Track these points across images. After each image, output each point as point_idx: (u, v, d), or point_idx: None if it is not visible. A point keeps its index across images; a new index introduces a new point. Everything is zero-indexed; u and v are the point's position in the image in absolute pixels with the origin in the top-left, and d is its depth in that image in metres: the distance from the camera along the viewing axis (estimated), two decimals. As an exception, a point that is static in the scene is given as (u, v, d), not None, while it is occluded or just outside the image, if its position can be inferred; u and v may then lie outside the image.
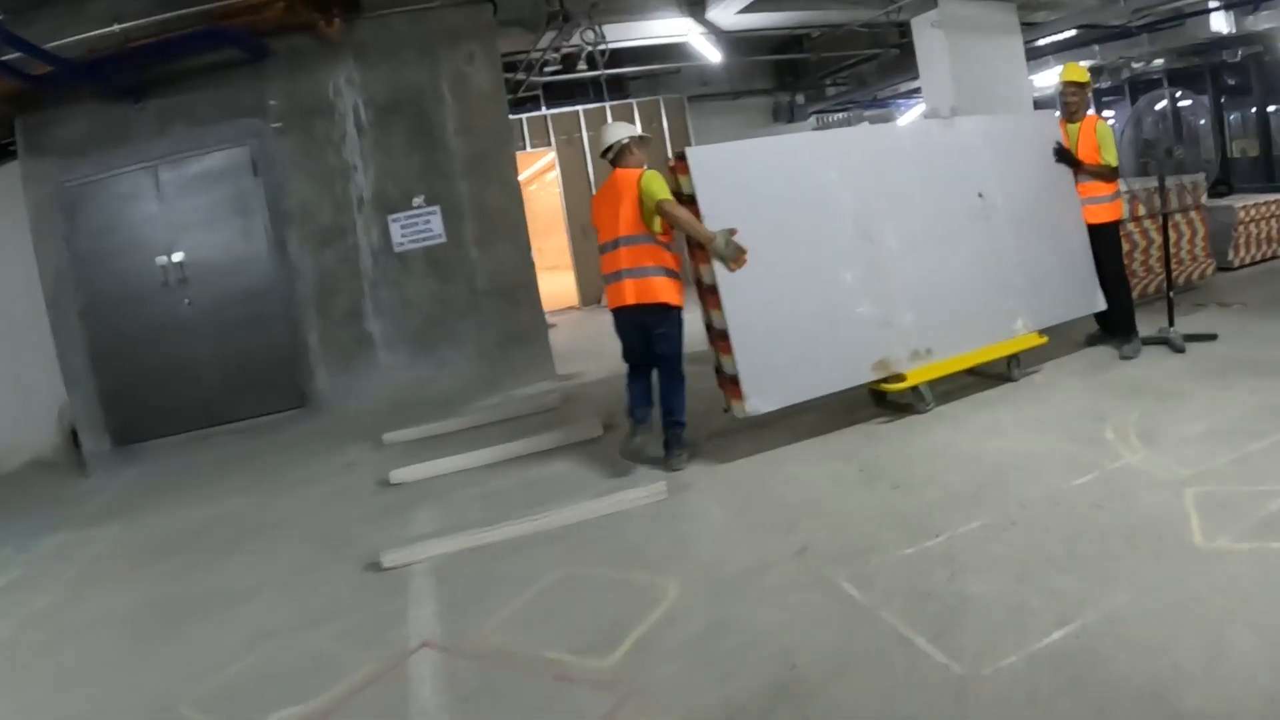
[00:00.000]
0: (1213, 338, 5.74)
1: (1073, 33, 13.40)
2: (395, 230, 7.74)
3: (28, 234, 7.34)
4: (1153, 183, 6.35)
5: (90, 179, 7.34)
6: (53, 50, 6.26)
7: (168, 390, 7.47)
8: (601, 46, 8.99)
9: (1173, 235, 7.36)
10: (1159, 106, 6.19)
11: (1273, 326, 5.98)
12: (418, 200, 7.76)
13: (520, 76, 10.41)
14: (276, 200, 7.55)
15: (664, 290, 4.71)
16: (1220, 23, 12.56)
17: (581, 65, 10.01)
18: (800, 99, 14.74)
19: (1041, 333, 5.56)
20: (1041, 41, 11.94)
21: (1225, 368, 5.08)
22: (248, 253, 7.62)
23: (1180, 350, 5.59)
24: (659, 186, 4.60)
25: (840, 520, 3.74)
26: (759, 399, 4.75)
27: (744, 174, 4.91)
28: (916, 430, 4.86)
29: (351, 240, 7.67)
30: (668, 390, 4.88)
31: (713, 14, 9.05)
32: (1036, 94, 12.41)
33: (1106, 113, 15.73)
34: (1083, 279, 5.82)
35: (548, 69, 10.37)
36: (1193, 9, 11.82)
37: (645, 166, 4.79)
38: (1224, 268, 8.26)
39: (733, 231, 4.61)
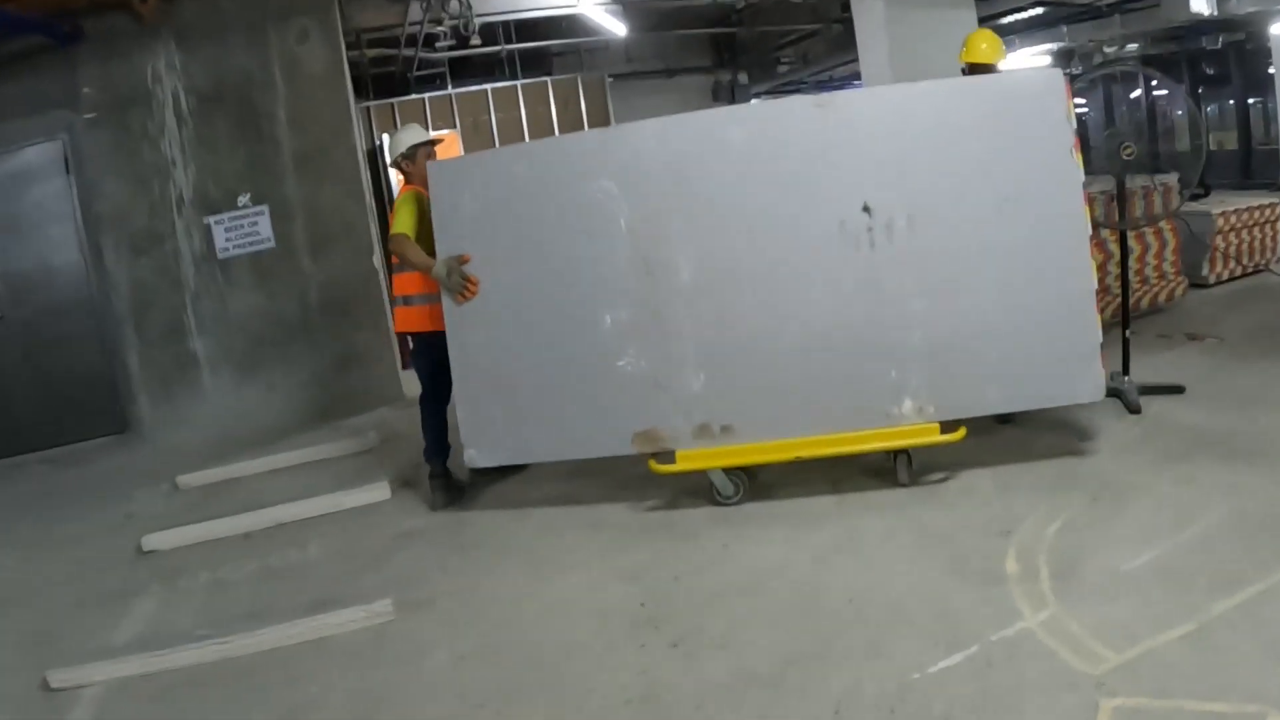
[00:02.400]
0: (1178, 390, 4.56)
1: (1038, 11, 12.26)
2: (218, 234, 6.59)
3: None
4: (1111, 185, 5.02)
5: None
6: None
7: None
8: (477, 20, 7.75)
9: (1135, 249, 6.20)
10: (1134, 95, 4.95)
11: (1255, 374, 4.75)
12: (243, 199, 6.58)
13: (408, 53, 9.09)
14: (89, 202, 6.53)
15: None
16: (1200, 3, 11.35)
17: (477, 40, 8.73)
18: (744, 78, 13.44)
19: (958, 424, 3.80)
20: (1006, 20, 10.74)
21: (1191, 444, 3.87)
22: (60, 262, 6.73)
23: (1135, 410, 4.39)
24: (403, 215, 4.33)
25: (571, 707, 2.61)
26: (477, 451, 4.23)
27: (494, 188, 4.14)
28: (747, 538, 3.63)
29: (171, 247, 6.58)
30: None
31: (606, -20, 7.72)
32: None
33: (1077, 100, 14.63)
34: (1066, 349, 3.74)
35: (440, 45, 9.10)
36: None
37: None
38: (1198, 284, 7.10)
39: (461, 259, 4.11)
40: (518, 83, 10.72)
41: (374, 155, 9.82)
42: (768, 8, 10.23)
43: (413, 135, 4.63)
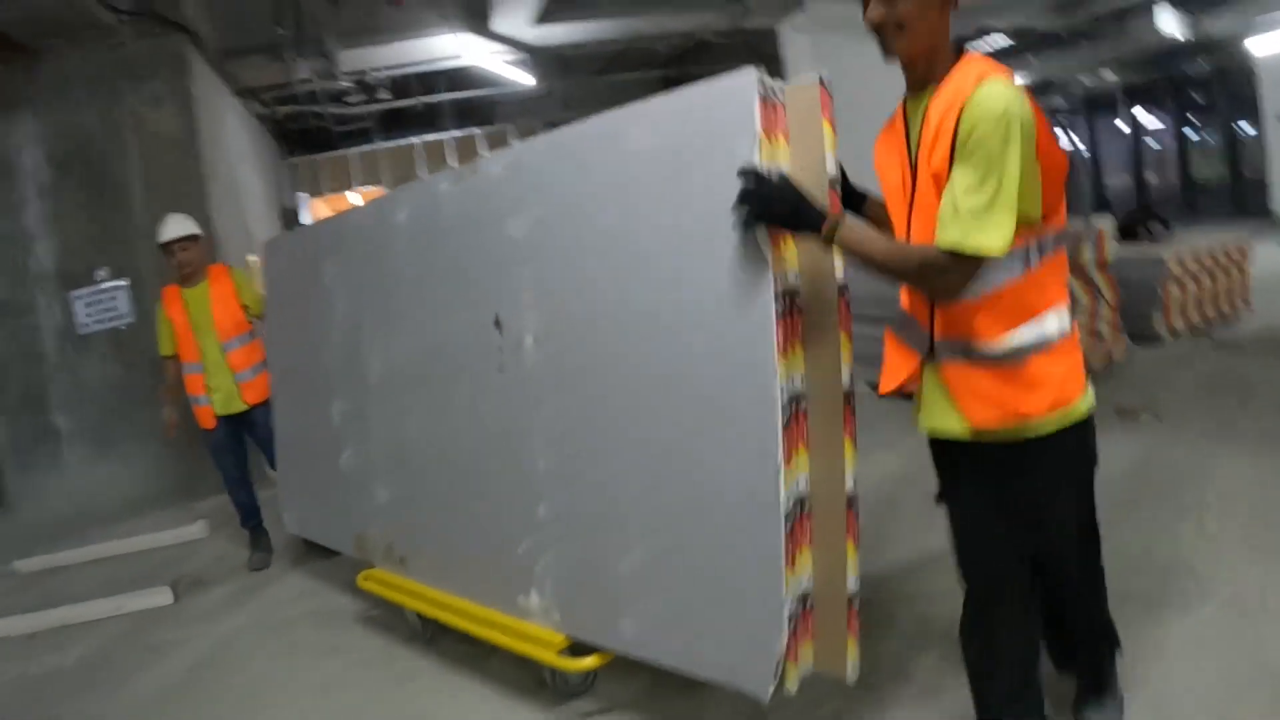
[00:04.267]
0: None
1: (1004, 41, 11.78)
2: (79, 309, 6.45)
3: None
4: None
5: None
6: None
7: None
8: (376, 75, 7.56)
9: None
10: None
11: (1195, 463, 3.99)
12: (100, 274, 6.39)
13: (318, 109, 8.92)
14: None
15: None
16: (1170, 25, 10.75)
17: (386, 95, 8.53)
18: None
19: (596, 650, 2.57)
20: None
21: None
22: None
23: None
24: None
25: None
26: (290, 517, 4.35)
27: (293, 265, 4.12)
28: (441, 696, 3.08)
29: (31, 320, 6.45)
30: None
31: (501, 27, 7.41)
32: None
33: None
34: (731, 606, 2.17)
35: (353, 99, 8.90)
36: (1132, 4, 10.01)
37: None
38: (1148, 340, 6.42)
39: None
40: (443, 136, 10.50)
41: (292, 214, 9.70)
42: (715, 47, 9.88)
43: (164, 230, 4.63)
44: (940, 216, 1.69)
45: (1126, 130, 16.01)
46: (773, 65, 9.28)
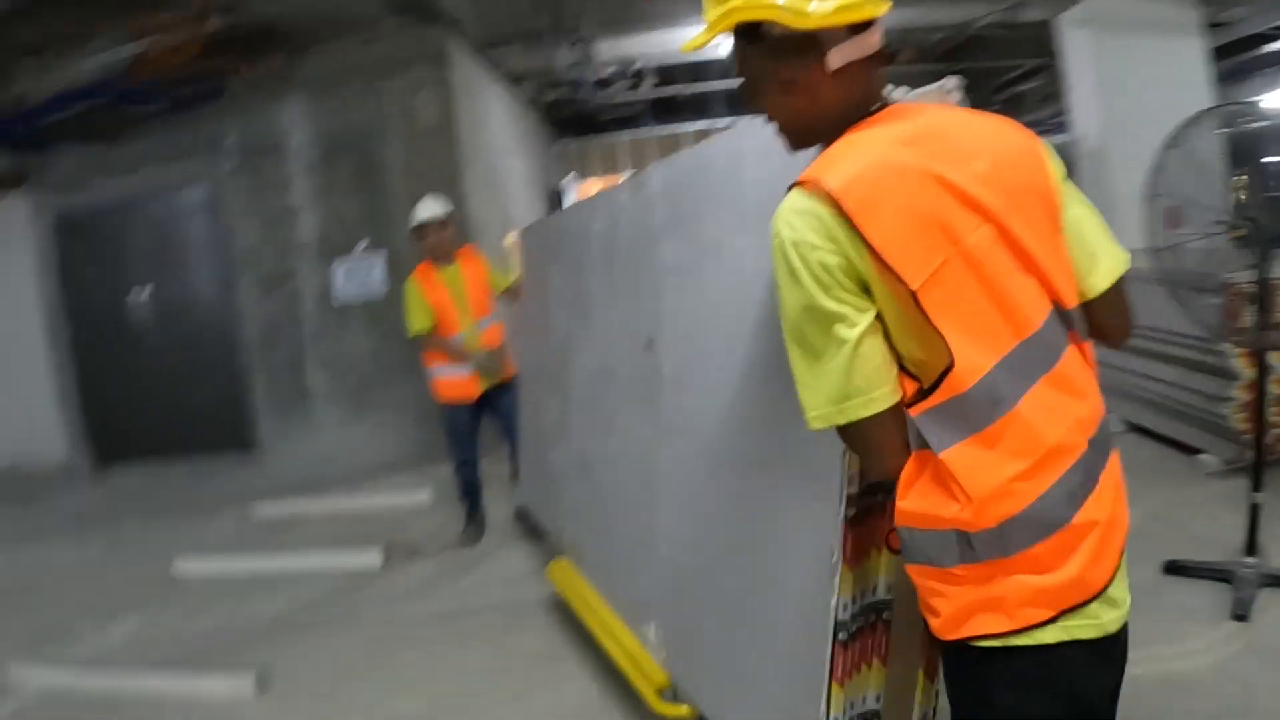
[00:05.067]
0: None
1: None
2: (337, 279, 6.96)
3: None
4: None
5: (78, 214, 7.55)
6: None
7: (136, 420, 7.62)
8: (641, 62, 7.53)
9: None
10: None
11: None
12: (360, 247, 6.85)
13: (584, 96, 9.08)
14: (228, 242, 7.20)
15: None
16: None
17: (653, 81, 8.54)
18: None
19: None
20: (1248, 54, 8.61)
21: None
22: (204, 294, 7.48)
23: (1240, 615, 3.03)
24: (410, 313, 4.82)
25: None
26: (521, 491, 4.61)
27: (539, 253, 4.26)
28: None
29: (295, 287, 7.07)
30: None
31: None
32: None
33: None
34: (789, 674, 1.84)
35: (617, 86, 8.98)
36: None
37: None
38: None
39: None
40: (712, 124, 10.32)
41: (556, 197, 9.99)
42: (991, 41, 8.96)
43: (419, 211, 4.72)
44: None
45: None
46: (1052, 61, 8.26)
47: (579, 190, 11.17)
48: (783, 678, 1.82)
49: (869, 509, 1.62)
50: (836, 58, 1.25)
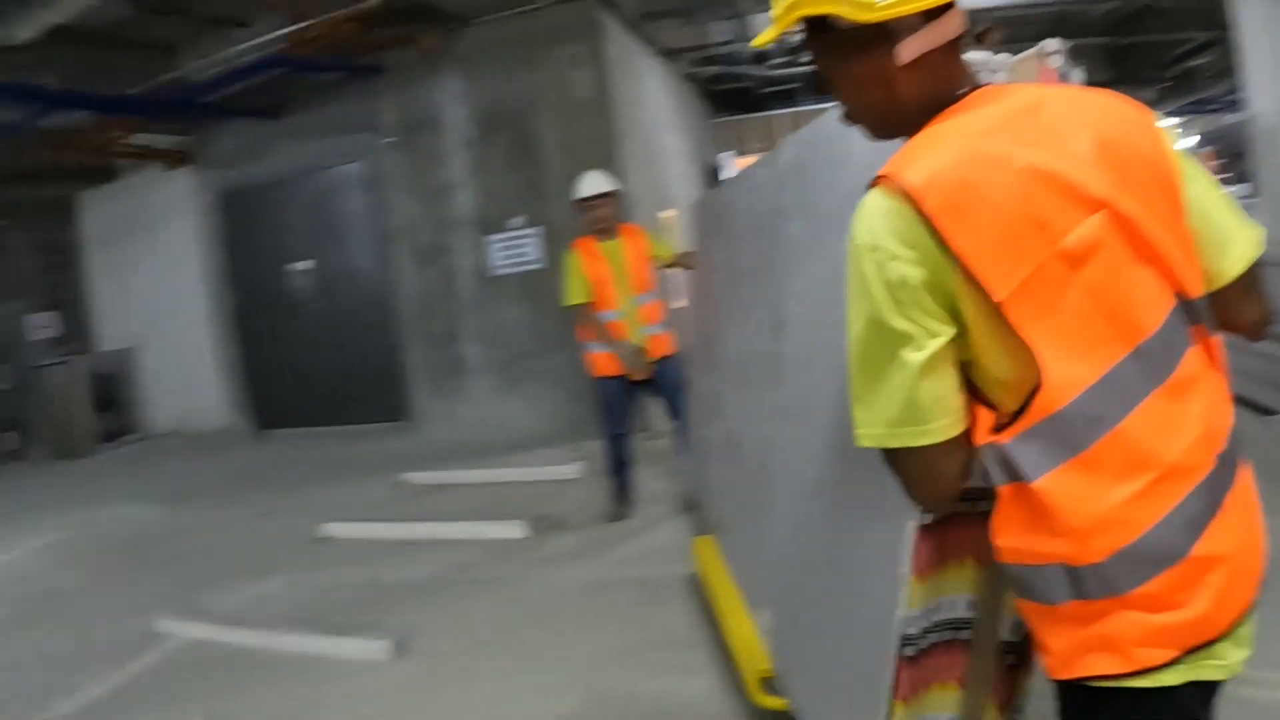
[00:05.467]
0: None
1: None
2: (492, 253, 7.05)
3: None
4: None
5: (241, 189, 8.01)
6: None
7: (294, 388, 7.94)
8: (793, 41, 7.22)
9: None
10: None
11: None
12: (516, 221, 6.91)
13: (740, 70, 8.89)
14: (386, 215, 7.45)
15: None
16: None
17: (802, 58, 8.23)
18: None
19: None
20: None
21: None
22: (360, 266, 7.77)
23: None
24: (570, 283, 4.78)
25: None
26: (683, 462, 4.52)
27: (708, 227, 3.82)
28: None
29: (450, 261, 7.23)
30: None
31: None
32: None
33: None
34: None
35: (776, 60, 8.75)
36: None
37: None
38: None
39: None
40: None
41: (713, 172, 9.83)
42: (1162, 11, 8.15)
43: (585, 185, 4.69)
44: None
45: None
46: (1226, 34, 7.36)
47: (736, 167, 10.93)
48: (855, 687, 1.71)
49: (951, 516, 1.46)
50: (908, 50, 1.13)
